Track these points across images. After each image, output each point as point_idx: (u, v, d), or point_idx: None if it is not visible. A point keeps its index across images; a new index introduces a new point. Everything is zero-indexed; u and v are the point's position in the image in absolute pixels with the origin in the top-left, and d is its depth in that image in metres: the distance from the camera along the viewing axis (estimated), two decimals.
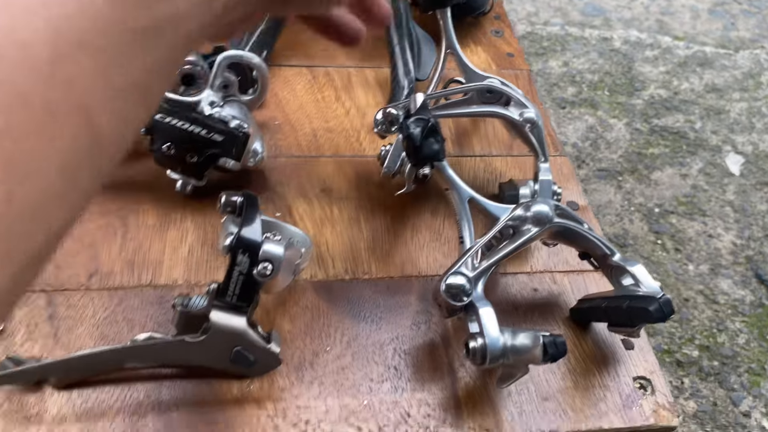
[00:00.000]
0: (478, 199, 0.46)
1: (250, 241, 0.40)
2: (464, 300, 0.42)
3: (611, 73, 1.25)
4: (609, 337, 0.49)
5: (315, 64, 0.66)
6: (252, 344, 0.41)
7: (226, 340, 0.40)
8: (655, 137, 1.15)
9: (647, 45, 1.31)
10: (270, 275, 0.40)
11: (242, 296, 0.40)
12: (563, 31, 1.32)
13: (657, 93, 1.23)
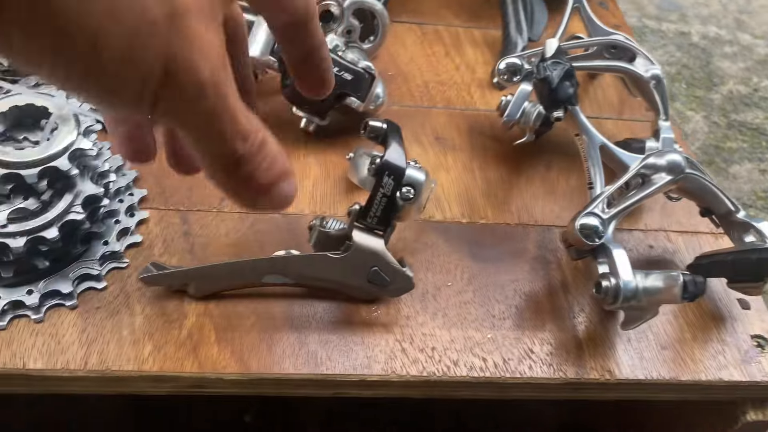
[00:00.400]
0: (609, 146, 0.47)
1: (396, 165, 0.41)
2: (596, 241, 0.43)
3: (689, 66, 1.24)
4: (725, 297, 0.49)
5: (424, 21, 0.67)
6: (389, 265, 0.42)
7: (365, 260, 0.41)
8: (734, 132, 1.14)
9: (726, 41, 1.29)
10: (412, 199, 0.41)
11: (382, 219, 0.41)
12: (640, 23, 1.31)
13: (736, 89, 1.21)
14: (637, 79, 0.51)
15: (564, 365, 0.43)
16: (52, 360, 0.39)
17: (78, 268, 0.43)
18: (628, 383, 0.43)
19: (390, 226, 0.42)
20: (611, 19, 0.71)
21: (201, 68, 0.21)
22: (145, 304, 0.42)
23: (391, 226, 0.42)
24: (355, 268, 0.42)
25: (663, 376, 0.44)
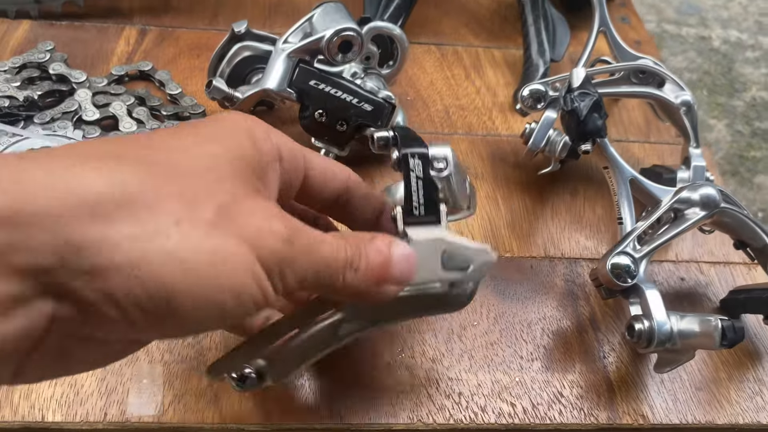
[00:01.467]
0: (640, 180, 0.45)
1: (416, 146, 0.35)
2: (629, 282, 0.41)
3: (710, 72, 1.22)
4: (761, 332, 0.47)
5: (443, 42, 0.65)
6: (458, 245, 0.34)
7: (432, 251, 0.34)
8: (757, 140, 1.12)
9: (748, 46, 1.27)
10: (445, 170, 0.35)
11: (428, 205, 0.35)
12: (659, 29, 1.29)
13: (759, 95, 1.19)
14: (667, 106, 0.50)
15: (595, 410, 0.42)
16: (71, 412, 0.38)
17: None
18: (663, 428, 0.42)
19: (439, 211, 0.35)
20: (633, 34, 0.69)
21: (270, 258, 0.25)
22: (164, 350, 0.41)
23: (441, 211, 0.35)
24: (427, 268, 0.34)
25: (698, 420, 0.42)
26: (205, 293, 0.23)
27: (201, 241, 0.23)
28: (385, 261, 0.29)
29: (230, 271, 0.24)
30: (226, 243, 0.24)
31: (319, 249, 0.27)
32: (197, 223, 0.23)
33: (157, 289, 0.22)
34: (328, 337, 0.35)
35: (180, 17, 0.64)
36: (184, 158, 0.26)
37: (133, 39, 0.61)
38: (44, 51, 0.56)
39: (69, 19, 0.62)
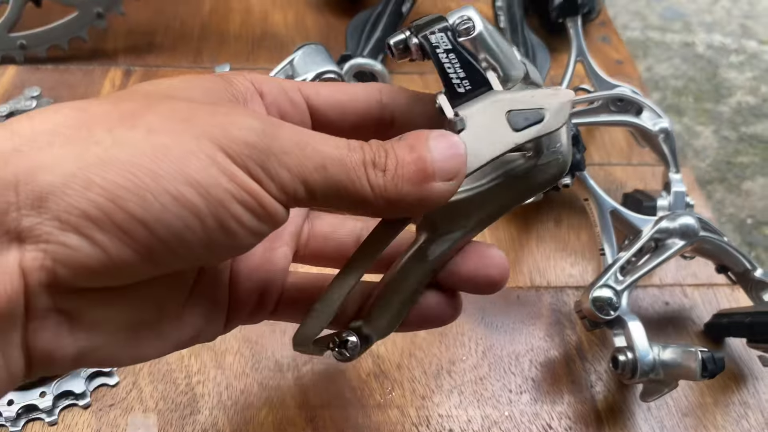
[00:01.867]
0: (620, 211, 0.46)
1: (431, 18, 0.29)
2: (611, 314, 0.42)
3: (696, 79, 1.23)
4: (745, 354, 0.48)
5: (426, 70, 0.66)
6: (522, 99, 0.28)
7: (493, 120, 0.27)
8: (744, 146, 1.13)
9: (732, 50, 1.28)
10: (474, 29, 0.29)
11: (471, 75, 0.28)
12: (644, 36, 1.30)
13: (744, 100, 1.20)
14: (646, 133, 0.51)
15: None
16: None
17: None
18: None
19: (486, 78, 0.28)
20: (614, 54, 0.70)
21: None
22: (158, 398, 0.42)
23: (490, 77, 0.28)
24: (494, 139, 0.27)
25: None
26: (161, 195, 0.20)
27: (141, 141, 0.20)
28: (420, 155, 0.24)
29: (182, 162, 0.20)
30: (175, 138, 0.21)
31: (316, 144, 0.23)
32: (136, 127, 0.21)
33: (107, 200, 0.20)
34: (419, 268, 0.29)
35: (163, 56, 0.64)
36: (141, 94, 0.24)
37: (118, 80, 0.62)
38: (30, 98, 0.57)
39: (54, 62, 0.62)
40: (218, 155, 0.21)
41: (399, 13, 0.61)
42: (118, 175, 0.20)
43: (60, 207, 0.19)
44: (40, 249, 0.20)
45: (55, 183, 0.19)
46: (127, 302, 0.23)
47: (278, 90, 0.28)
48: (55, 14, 0.62)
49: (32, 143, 0.20)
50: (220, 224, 0.21)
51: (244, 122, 0.22)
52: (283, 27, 0.69)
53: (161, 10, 0.69)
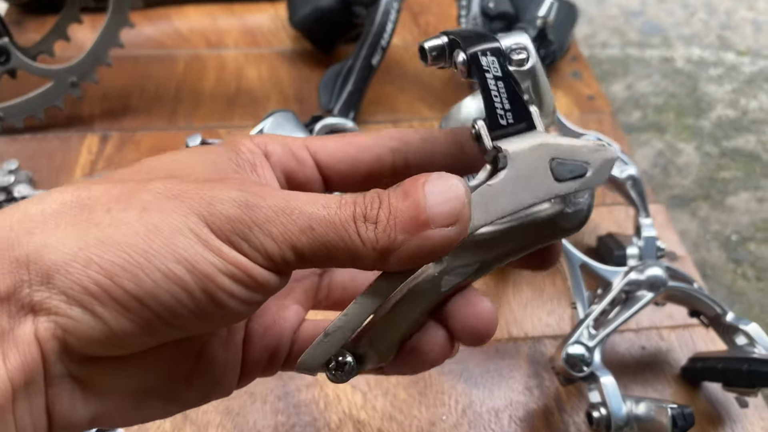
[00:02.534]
0: (590, 264, 0.47)
1: (485, 41, 0.28)
2: (584, 370, 0.43)
3: (676, 95, 1.24)
4: (722, 395, 0.49)
5: (399, 118, 0.67)
6: (571, 147, 0.27)
7: (535, 162, 0.27)
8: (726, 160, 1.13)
9: (711, 63, 1.29)
10: (527, 61, 0.28)
11: (516, 109, 0.27)
12: (623, 53, 1.31)
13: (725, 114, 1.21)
14: (614, 180, 0.51)
15: None
16: None
17: None
18: None
19: (530, 114, 0.27)
20: (586, 90, 0.71)
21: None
22: None
23: (533, 113, 0.27)
24: (534, 185, 0.26)
25: None
26: (152, 273, 0.22)
27: (135, 221, 0.22)
28: (414, 201, 0.23)
29: (170, 241, 0.22)
30: (165, 217, 0.22)
31: (303, 206, 0.23)
32: (131, 207, 0.22)
33: (104, 277, 0.21)
34: (429, 296, 0.27)
35: (139, 118, 0.65)
36: (144, 171, 0.25)
37: (95, 147, 0.62)
38: (8, 172, 0.58)
39: (32, 131, 0.63)
40: (203, 231, 0.22)
41: (369, 66, 0.62)
42: (114, 255, 0.22)
43: (65, 283, 0.21)
44: (51, 320, 0.22)
45: (59, 262, 0.21)
46: (135, 369, 0.25)
47: (283, 149, 0.28)
48: (30, 85, 0.63)
49: (42, 225, 0.22)
50: (209, 297, 0.23)
51: (226, 196, 0.23)
52: (257, 82, 0.70)
53: (135, 72, 0.70)
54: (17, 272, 0.21)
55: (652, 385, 0.49)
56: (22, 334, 0.21)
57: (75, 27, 0.67)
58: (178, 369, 0.27)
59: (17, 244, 0.22)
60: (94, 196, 0.23)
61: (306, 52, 0.73)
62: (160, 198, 0.23)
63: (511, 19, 0.64)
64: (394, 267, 0.24)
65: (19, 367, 0.21)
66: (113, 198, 0.23)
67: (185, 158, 0.26)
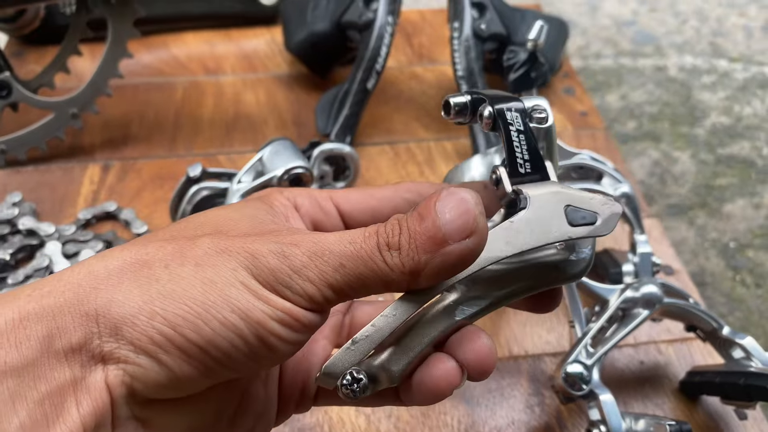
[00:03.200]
0: (586, 283, 0.47)
1: (508, 98, 0.31)
2: (584, 389, 0.43)
3: (670, 103, 1.25)
4: (721, 408, 0.49)
5: (395, 139, 0.68)
6: (581, 197, 0.29)
7: (551, 208, 0.29)
8: (722, 167, 1.15)
9: (704, 71, 1.30)
10: (547, 120, 0.32)
11: (534, 160, 0.30)
12: (616, 64, 1.33)
13: (719, 121, 1.22)
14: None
15: None
16: None
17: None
18: None
19: (545, 166, 0.31)
20: (579, 105, 0.72)
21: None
22: None
23: (548, 166, 0.31)
24: (550, 227, 0.29)
25: None
26: (211, 322, 0.24)
27: (191, 275, 0.24)
28: (429, 222, 0.25)
29: (224, 293, 0.24)
30: (217, 271, 0.25)
31: (332, 246, 0.25)
32: (186, 263, 0.25)
33: (168, 328, 0.24)
34: (445, 322, 0.29)
35: (140, 147, 0.66)
36: (192, 227, 0.28)
37: (97, 177, 0.63)
38: (12, 205, 0.59)
39: (34, 163, 0.64)
40: (251, 282, 0.25)
41: (365, 90, 0.63)
42: (175, 307, 0.24)
43: (132, 335, 0.24)
44: (120, 368, 0.24)
45: (125, 315, 0.24)
46: (189, 409, 0.27)
47: (311, 202, 0.31)
48: (32, 117, 0.64)
49: (107, 281, 0.24)
50: (261, 341, 0.25)
51: (266, 249, 0.25)
52: (255, 107, 0.71)
53: (134, 100, 0.71)
54: (87, 325, 0.23)
55: (652, 399, 0.50)
56: (93, 381, 0.24)
57: (74, 57, 0.68)
58: (225, 408, 0.29)
59: (86, 299, 0.24)
60: (152, 253, 0.25)
61: (302, 76, 0.74)
62: (210, 253, 0.25)
63: (502, 40, 0.65)
64: (425, 284, 0.26)
65: (91, 412, 0.23)
66: (169, 255, 0.25)
67: (228, 213, 0.29)
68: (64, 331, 0.23)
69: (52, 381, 0.23)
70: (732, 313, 0.88)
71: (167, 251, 0.25)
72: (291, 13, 0.72)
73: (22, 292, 0.24)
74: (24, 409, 0.22)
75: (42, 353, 0.23)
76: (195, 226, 0.28)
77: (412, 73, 0.75)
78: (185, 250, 0.25)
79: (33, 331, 0.23)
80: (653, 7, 1.41)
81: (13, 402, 0.22)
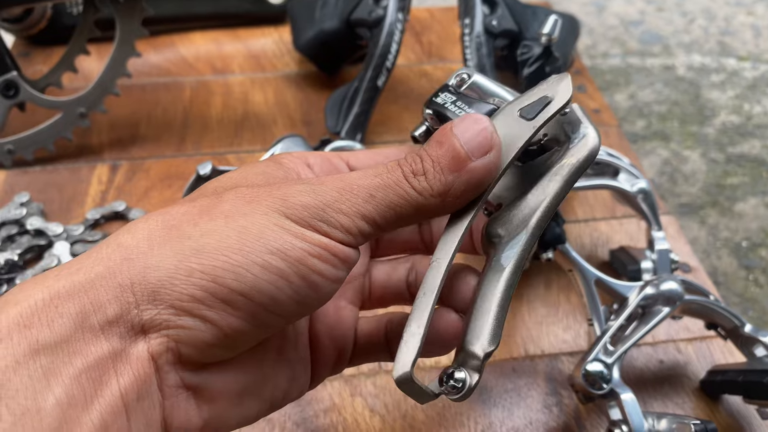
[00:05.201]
0: (605, 280, 0.46)
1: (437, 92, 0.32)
2: (604, 387, 0.43)
3: (679, 102, 1.24)
4: (743, 407, 0.48)
5: (406, 138, 0.67)
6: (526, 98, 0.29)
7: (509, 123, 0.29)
8: (733, 166, 1.14)
9: (712, 69, 1.30)
10: (467, 77, 0.32)
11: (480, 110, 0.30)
12: (624, 63, 1.32)
13: (729, 120, 1.21)
14: (624, 194, 0.51)
15: None
16: None
17: None
18: None
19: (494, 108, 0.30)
20: (591, 103, 0.71)
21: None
22: None
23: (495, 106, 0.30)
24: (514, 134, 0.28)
25: None
26: (252, 267, 0.24)
27: (223, 227, 0.24)
28: (449, 144, 0.26)
29: (261, 237, 0.24)
30: (249, 218, 0.25)
31: (359, 180, 0.26)
32: (215, 217, 0.25)
33: (208, 282, 0.23)
34: (498, 279, 0.28)
35: (148, 146, 0.66)
36: (210, 189, 0.28)
37: (105, 177, 0.63)
38: (20, 205, 0.58)
39: (42, 164, 0.64)
40: (286, 223, 0.25)
41: (375, 88, 0.62)
42: (213, 259, 0.23)
43: (171, 296, 0.23)
44: (162, 335, 0.23)
45: (162, 278, 0.23)
46: (237, 371, 0.27)
47: (322, 159, 0.32)
48: (39, 117, 0.63)
49: (137, 250, 0.24)
50: (303, 279, 0.25)
51: (296, 189, 0.26)
52: (264, 106, 0.70)
53: (142, 100, 0.70)
54: (123, 296, 0.23)
55: (672, 399, 0.49)
56: (135, 352, 0.23)
57: (82, 57, 0.67)
58: (267, 367, 0.29)
59: (118, 271, 0.23)
60: (177, 216, 0.25)
61: (311, 75, 0.73)
62: (238, 204, 0.25)
63: (514, 36, 0.64)
64: (456, 204, 0.27)
65: (132, 383, 0.23)
66: (195, 214, 0.25)
67: (241, 173, 0.29)
68: (98, 306, 0.23)
69: (89, 356, 0.22)
70: (746, 312, 0.87)
71: (193, 211, 0.25)
72: (299, 12, 0.71)
73: (50, 272, 0.24)
74: (59, 386, 0.21)
75: (76, 329, 0.22)
76: (213, 188, 0.28)
77: (422, 71, 0.75)
78: (211, 207, 0.25)
79: (65, 308, 0.22)
80: (660, 7, 1.40)
81: (47, 379, 0.21)
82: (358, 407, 0.47)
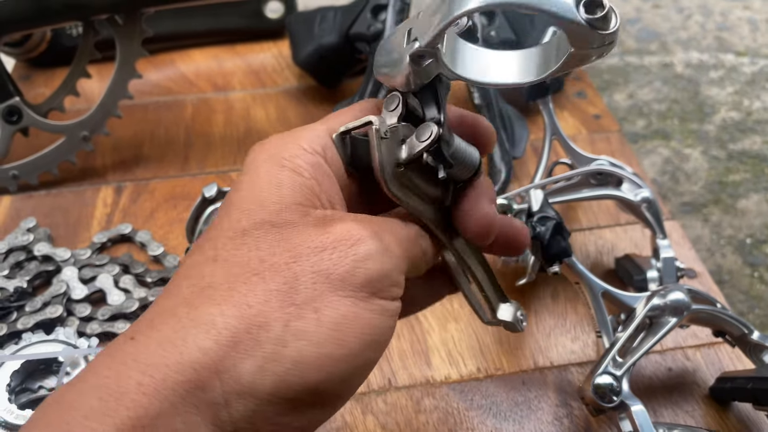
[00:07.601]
0: (612, 292, 0.47)
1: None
2: (614, 400, 0.43)
3: (678, 100, 1.24)
4: (753, 414, 0.49)
5: None
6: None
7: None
8: (734, 163, 1.14)
9: (710, 66, 1.30)
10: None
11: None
12: (622, 62, 1.32)
13: (729, 116, 1.21)
14: (628, 204, 0.51)
15: None
16: None
17: None
18: None
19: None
20: (592, 109, 0.71)
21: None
22: None
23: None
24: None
25: None
26: (352, 373, 0.26)
27: (316, 328, 0.25)
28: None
29: (359, 330, 0.26)
30: (341, 309, 0.26)
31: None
32: (303, 312, 0.25)
33: (306, 395, 0.25)
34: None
35: (152, 167, 0.66)
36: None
37: (110, 199, 0.63)
38: (27, 231, 0.58)
39: (47, 187, 0.64)
40: (375, 304, 0.27)
41: None
42: (315, 371, 0.25)
43: (264, 419, 0.25)
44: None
45: (258, 399, 0.24)
46: None
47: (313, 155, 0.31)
48: (42, 141, 0.64)
49: (224, 363, 0.24)
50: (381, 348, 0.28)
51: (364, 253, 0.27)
52: (265, 122, 0.70)
53: (144, 120, 0.71)
54: (217, 414, 0.24)
55: (682, 407, 0.49)
56: None
57: (83, 80, 0.67)
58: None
59: (209, 386, 0.24)
60: (258, 307, 0.25)
61: (311, 89, 0.74)
62: (319, 291, 0.26)
63: (513, 45, 0.64)
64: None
65: None
66: (276, 306, 0.25)
67: (253, 195, 0.28)
68: (210, 403, 0.24)
69: None
70: (752, 310, 0.87)
71: (273, 302, 0.25)
72: (298, 27, 0.71)
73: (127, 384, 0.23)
74: None
75: None
76: (241, 226, 0.27)
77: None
78: (291, 294, 0.25)
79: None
80: (656, 4, 1.40)
81: None
82: (370, 425, 0.47)
